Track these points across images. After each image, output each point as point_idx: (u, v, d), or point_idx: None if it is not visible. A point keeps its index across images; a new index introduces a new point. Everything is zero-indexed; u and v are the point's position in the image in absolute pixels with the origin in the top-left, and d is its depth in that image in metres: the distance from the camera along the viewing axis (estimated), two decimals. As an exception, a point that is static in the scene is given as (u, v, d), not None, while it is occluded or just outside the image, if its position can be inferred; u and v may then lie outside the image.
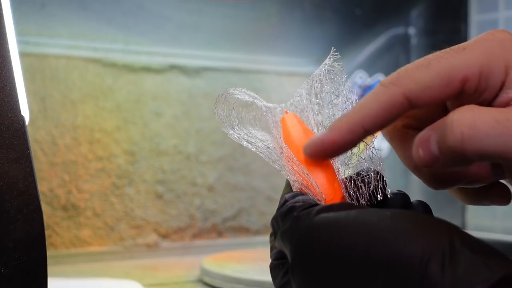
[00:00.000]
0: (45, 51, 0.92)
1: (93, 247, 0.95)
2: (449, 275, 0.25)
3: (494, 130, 0.29)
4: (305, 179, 0.35)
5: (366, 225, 0.28)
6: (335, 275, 0.28)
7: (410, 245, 0.26)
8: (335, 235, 0.29)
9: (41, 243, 0.45)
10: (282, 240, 0.32)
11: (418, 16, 1.10)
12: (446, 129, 0.30)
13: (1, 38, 0.48)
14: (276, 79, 1.10)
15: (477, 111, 0.30)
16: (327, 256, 0.29)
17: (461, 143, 0.30)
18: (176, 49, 1.03)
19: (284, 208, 0.33)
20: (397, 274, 0.26)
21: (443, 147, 0.31)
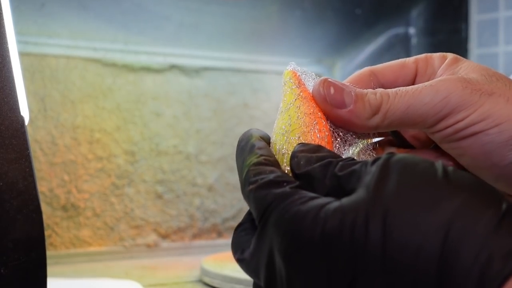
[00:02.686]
0: (44, 51, 0.92)
1: (93, 247, 0.95)
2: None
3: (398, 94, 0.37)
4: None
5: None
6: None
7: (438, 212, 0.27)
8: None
9: (40, 243, 0.45)
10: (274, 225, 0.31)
11: (418, 16, 1.10)
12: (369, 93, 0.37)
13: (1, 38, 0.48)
14: (276, 79, 1.10)
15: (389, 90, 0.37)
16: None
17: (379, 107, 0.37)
18: (176, 49, 1.03)
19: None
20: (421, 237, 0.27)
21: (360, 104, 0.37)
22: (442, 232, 0.26)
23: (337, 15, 1.08)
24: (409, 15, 1.10)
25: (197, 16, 0.99)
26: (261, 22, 1.06)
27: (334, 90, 0.37)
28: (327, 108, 0.37)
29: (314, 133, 0.36)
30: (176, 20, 0.99)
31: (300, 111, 0.37)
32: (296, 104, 0.38)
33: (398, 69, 0.42)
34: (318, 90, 0.38)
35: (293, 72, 0.40)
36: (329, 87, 0.37)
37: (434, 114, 0.36)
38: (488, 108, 0.35)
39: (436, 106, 0.36)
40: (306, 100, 0.38)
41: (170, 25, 0.99)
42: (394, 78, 0.42)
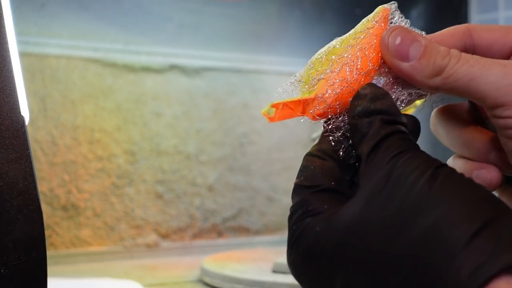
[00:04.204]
0: (45, 51, 0.92)
1: (93, 247, 0.95)
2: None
3: (467, 63, 0.34)
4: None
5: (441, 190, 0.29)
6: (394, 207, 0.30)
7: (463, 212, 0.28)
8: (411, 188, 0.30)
9: (41, 243, 0.45)
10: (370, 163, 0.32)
11: (418, 16, 1.10)
12: (440, 52, 0.35)
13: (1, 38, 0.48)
14: (276, 79, 1.10)
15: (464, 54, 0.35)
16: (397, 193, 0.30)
17: (443, 70, 0.34)
18: (176, 49, 1.03)
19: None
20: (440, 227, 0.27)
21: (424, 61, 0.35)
22: (417, 248, 0.27)
23: (337, 15, 1.08)
24: (409, 15, 1.10)
25: (197, 17, 1.00)
26: (261, 22, 1.06)
27: (400, 41, 0.35)
28: (387, 58, 0.36)
29: (351, 67, 0.35)
30: (176, 21, 0.99)
31: (356, 42, 0.36)
32: (359, 35, 0.37)
33: (500, 34, 0.38)
34: (384, 37, 0.36)
35: (385, 9, 0.38)
36: (396, 37, 0.36)
37: (494, 97, 0.33)
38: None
39: (499, 90, 0.33)
40: (371, 37, 0.37)
41: (170, 26, 0.99)
42: (491, 42, 0.38)
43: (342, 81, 0.35)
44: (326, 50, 0.37)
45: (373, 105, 0.34)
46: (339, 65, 0.36)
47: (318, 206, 0.32)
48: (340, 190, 0.33)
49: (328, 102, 0.35)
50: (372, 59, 0.36)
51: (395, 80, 0.37)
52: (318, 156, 0.34)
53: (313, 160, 0.34)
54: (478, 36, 0.38)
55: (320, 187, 0.33)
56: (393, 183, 0.30)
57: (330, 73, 0.36)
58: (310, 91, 0.36)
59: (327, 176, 0.33)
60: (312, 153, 0.35)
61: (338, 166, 0.34)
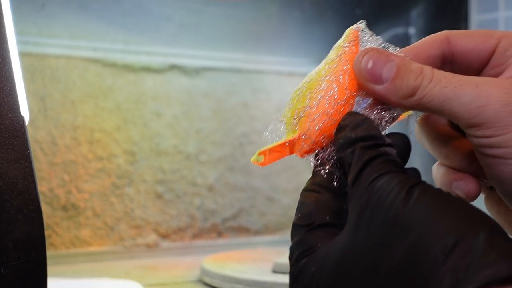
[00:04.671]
0: (45, 51, 0.92)
1: (93, 247, 0.95)
2: (477, 258, 0.26)
3: (439, 83, 0.34)
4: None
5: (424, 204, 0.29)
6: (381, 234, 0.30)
7: (448, 224, 0.28)
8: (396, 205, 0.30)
9: (41, 243, 0.45)
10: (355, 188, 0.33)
11: (418, 16, 1.10)
12: (412, 73, 0.35)
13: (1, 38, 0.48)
14: (276, 79, 1.10)
15: (436, 70, 0.35)
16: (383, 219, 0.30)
17: (416, 91, 0.35)
18: (176, 49, 1.03)
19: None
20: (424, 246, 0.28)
21: (398, 83, 0.35)
22: (398, 273, 0.28)
23: (336, 15, 1.08)
24: (409, 15, 1.10)
25: (197, 17, 0.99)
26: (261, 22, 1.06)
27: (373, 64, 0.35)
28: (361, 82, 0.36)
29: (329, 99, 0.36)
30: (176, 21, 0.99)
31: (329, 71, 0.36)
32: (331, 64, 0.37)
33: (477, 41, 0.38)
34: (356, 61, 0.36)
35: (353, 31, 0.38)
36: (368, 60, 0.35)
37: (467, 118, 0.34)
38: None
39: (471, 111, 0.33)
40: (343, 63, 0.36)
41: (170, 26, 0.99)
42: (469, 49, 0.38)
43: (322, 115, 0.35)
44: (302, 86, 0.37)
45: (354, 134, 0.34)
46: (316, 100, 0.36)
47: (313, 244, 0.33)
48: (335, 223, 0.34)
49: (312, 138, 0.36)
50: (349, 85, 0.36)
51: (376, 100, 0.37)
52: (313, 190, 0.35)
53: (308, 195, 0.35)
54: (456, 43, 0.39)
55: (315, 223, 0.33)
56: (372, 210, 0.30)
57: (309, 110, 0.36)
58: (293, 131, 0.37)
59: (322, 211, 0.34)
60: (307, 188, 0.35)
61: (334, 196, 0.34)
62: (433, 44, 0.39)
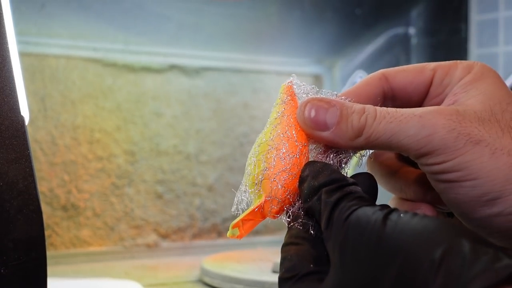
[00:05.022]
0: (45, 51, 0.92)
1: (93, 247, 0.95)
2: (470, 265, 0.26)
3: (384, 120, 0.35)
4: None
5: (402, 225, 0.30)
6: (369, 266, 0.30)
7: (430, 240, 0.28)
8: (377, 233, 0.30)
9: (41, 243, 0.45)
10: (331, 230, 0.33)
11: (418, 16, 1.10)
12: (355, 114, 0.36)
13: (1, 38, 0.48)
14: (276, 79, 1.10)
15: (378, 107, 0.36)
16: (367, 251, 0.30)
17: (362, 131, 0.36)
18: (176, 49, 1.03)
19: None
20: (413, 262, 0.28)
21: (343, 126, 0.36)
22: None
23: (337, 16, 1.08)
24: (409, 15, 1.10)
25: (197, 16, 0.99)
26: (261, 22, 1.06)
27: (315, 112, 0.36)
28: (308, 131, 0.37)
29: (283, 155, 0.36)
30: (176, 20, 0.99)
31: (275, 130, 0.37)
32: (275, 122, 0.37)
33: (413, 75, 0.40)
34: (299, 113, 0.37)
35: (287, 86, 0.39)
36: (310, 110, 0.36)
37: (416, 148, 0.35)
38: (468, 159, 0.34)
39: (419, 141, 0.34)
40: (287, 118, 0.37)
41: (170, 25, 0.99)
42: (406, 84, 0.40)
43: (281, 172, 0.36)
44: (255, 151, 0.38)
45: (316, 182, 0.35)
46: (271, 160, 0.36)
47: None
48: (319, 270, 0.33)
49: (278, 197, 0.36)
50: (298, 137, 0.37)
51: (327, 145, 0.37)
52: (291, 243, 0.35)
53: (288, 249, 0.35)
54: (393, 79, 0.40)
55: (299, 274, 0.34)
56: (352, 245, 0.31)
57: (267, 171, 0.36)
58: (259, 196, 0.37)
59: (304, 261, 0.34)
60: (286, 243, 0.36)
61: (313, 245, 0.35)
62: (372, 83, 0.40)
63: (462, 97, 0.37)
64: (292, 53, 1.12)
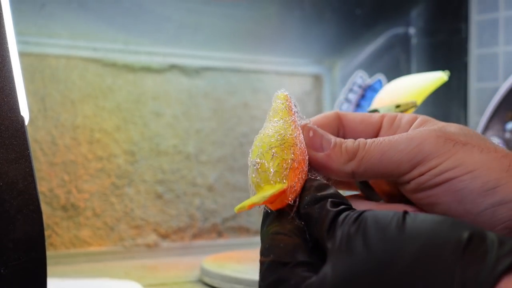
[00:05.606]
0: (45, 51, 0.92)
1: (93, 247, 0.95)
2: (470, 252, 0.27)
3: (374, 142, 0.38)
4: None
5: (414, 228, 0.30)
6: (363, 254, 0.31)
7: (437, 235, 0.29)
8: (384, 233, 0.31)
9: (40, 243, 0.45)
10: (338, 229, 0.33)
11: (418, 16, 1.10)
12: (348, 141, 0.39)
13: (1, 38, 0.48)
14: (276, 79, 1.10)
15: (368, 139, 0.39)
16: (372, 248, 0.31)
17: (355, 154, 0.38)
18: (176, 49, 1.03)
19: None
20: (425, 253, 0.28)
21: (337, 150, 0.39)
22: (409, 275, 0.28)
23: (336, 15, 1.08)
24: (409, 15, 1.10)
25: (197, 17, 0.99)
26: (261, 22, 1.06)
27: (313, 134, 0.39)
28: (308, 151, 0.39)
29: (290, 154, 0.37)
30: (176, 21, 0.99)
31: (295, 129, 0.39)
32: (290, 125, 0.39)
33: (363, 117, 0.43)
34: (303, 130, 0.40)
35: (287, 96, 0.41)
36: (308, 131, 0.40)
37: (408, 160, 0.37)
38: (461, 156, 0.36)
39: (410, 152, 0.37)
40: (294, 125, 0.39)
41: (170, 26, 0.99)
42: (357, 125, 0.43)
43: (301, 165, 0.37)
44: (278, 136, 0.38)
45: (319, 193, 0.36)
46: (297, 156, 0.37)
47: (298, 281, 0.33)
48: (313, 263, 0.34)
49: (298, 188, 0.37)
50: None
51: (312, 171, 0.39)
52: (284, 234, 0.36)
53: (280, 238, 0.36)
54: (346, 121, 0.43)
55: (296, 260, 0.34)
56: (364, 231, 0.31)
57: (294, 162, 0.37)
58: (282, 182, 0.36)
59: (300, 251, 0.35)
60: (278, 232, 0.36)
61: (305, 242, 0.35)
62: (329, 117, 0.43)
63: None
64: (292, 53, 1.12)
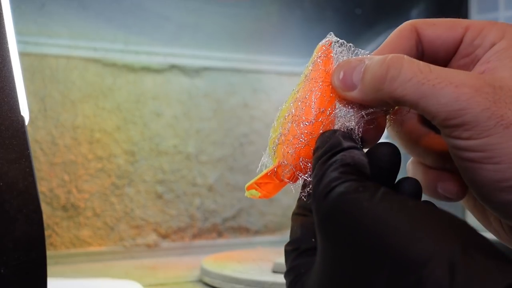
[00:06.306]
0: (44, 51, 0.92)
1: (93, 247, 0.95)
2: (458, 277, 0.25)
3: (415, 78, 0.33)
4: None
5: (386, 213, 0.29)
6: (350, 254, 0.29)
7: (419, 244, 0.27)
8: (356, 217, 0.30)
9: (40, 243, 0.45)
10: (313, 206, 0.33)
11: (418, 16, 1.10)
12: (375, 63, 0.34)
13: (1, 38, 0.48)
14: (276, 79, 1.10)
15: (407, 58, 0.34)
16: (346, 235, 0.30)
17: (384, 80, 0.34)
18: (176, 49, 1.03)
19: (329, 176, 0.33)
20: (402, 269, 0.27)
21: (366, 78, 0.35)
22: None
23: (337, 15, 1.08)
24: (409, 15, 1.10)
25: (197, 16, 0.99)
26: (261, 22, 1.06)
27: (343, 74, 0.36)
28: (341, 95, 0.36)
29: (297, 122, 0.36)
30: (176, 20, 0.99)
31: (297, 95, 0.37)
32: (299, 87, 0.37)
33: (443, 30, 0.38)
34: (332, 79, 0.37)
35: (320, 48, 0.38)
36: (339, 72, 0.36)
37: (444, 118, 0.33)
38: (495, 142, 0.32)
39: (449, 113, 0.33)
40: (310, 82, 0.37)
41: (170, 25, 0.99)
42: (435, 38, 0.38)
43: (294, 138, 0.35)
44: (277, 115, 0.37)
45: (318, 154, 0.34)
46: (287, 125, 0.36)
47: (299, 270, 0.33)
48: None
49: (290, 163, 0.36)
50: (317, 103, 0.36)
51: (357, 108, 0.36)
52: (298, 214, 0.35)
53: (295, 219, 0.35)
54: (423, 32, 0.38)
55: (301, 248, 0.34)
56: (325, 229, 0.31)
57: (282, 136, 0.36)
58: (273, 160, 0.37)
59: (308, 234, 0.34)
60: (294, 212, 0.36)
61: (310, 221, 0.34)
62: (404, 36, 0.38)
63: (495, 66, 0.35)
64: (292, 53, 1.12)
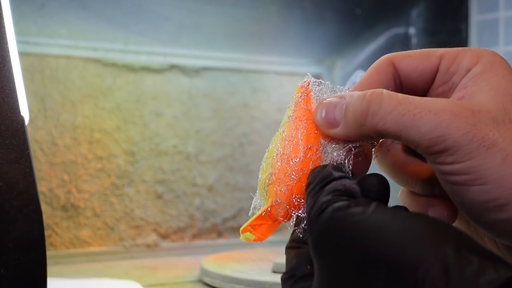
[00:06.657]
0: (44, 51, 0.92)
1: (93, 247, 0.95)
2: (454, 277, 0.26)
3: (395, 110, 0.34)
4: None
5: (379, 223, 0.29)
6: (346, 267, 0.30)
7: (413, 249, 0.27)
8: (350, 231, 0.30)
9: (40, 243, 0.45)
10: (308, 230, 0.33)
11: (418, 16, 1.10)
12: (356, 99, 0.35)
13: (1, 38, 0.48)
14: (276, 79, 1.10)
15: (386, 92, 0.35)
16: (341, 250, 0.30)
17: (365, 115, 0.34)
18: (176, 49, 1.03)
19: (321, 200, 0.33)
20: (398, 274, 0.27)
21: (348, 115, 0.35)
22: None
23: (337, 15, 1.08)
24: (409, 15, 1.10)
25: (197, 16, 0.99)
26: (261, 22, 1.06)
27: (325, 112, 0.36)
28: (325, 132, 0.37)
29: (286, 160, 0.36)
30: (176, 20, 0.99)
31: (283, 134, 0.37)
32: (284, 126, 0.38)
33: (418, 61, 0.39)
34: (315, 117, 0.37)
35: (300, 88, 0.39)
36: (321, 111, 0.37)
37: (427, 146, 0.34)
38: (478, 164, 0.33)
39: (431, 140, 0.33)
40: (294, 122, 0.37)
41: (170, 25, 0.99)
42: (411, 70, 0.39)
43: (285, 176, 0.36)
44: (264, 156, 0.38)
45: (310, 187, 0.35)
46: (276, 164, 0.36)
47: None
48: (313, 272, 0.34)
49: (284, 201, 0.36)
50: (303, 140, 0.36)
51: (341, 143, 0.37)
52: (292, 247, 0.36)
53: (289, 252, 0.36)
54: (399, 65, 0.39)
55: (297, 275, 0.35)
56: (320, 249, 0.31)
57: (273, 176, 0.36)
58: (266, 201, 0.38)
59: (302, 262, 0.35)
60: (287, 246, 0.37)
61: (304, 253, 0.35)
62: (381, 70, 0.39)
63: (473, 90, 0.36)
64: (292, 53, 1.12)
